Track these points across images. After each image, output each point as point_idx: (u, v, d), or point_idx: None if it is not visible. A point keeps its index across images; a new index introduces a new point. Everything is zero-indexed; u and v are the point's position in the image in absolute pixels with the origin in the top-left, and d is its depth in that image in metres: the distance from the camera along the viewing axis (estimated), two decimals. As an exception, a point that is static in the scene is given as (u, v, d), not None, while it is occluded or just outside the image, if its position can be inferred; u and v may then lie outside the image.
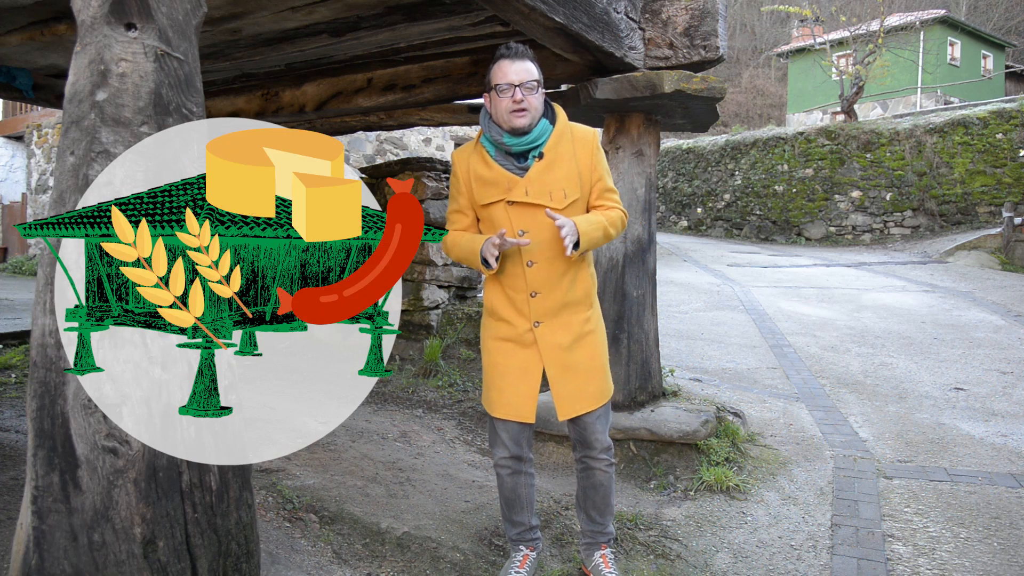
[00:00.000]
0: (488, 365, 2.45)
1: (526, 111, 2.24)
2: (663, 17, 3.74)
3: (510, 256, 2.34)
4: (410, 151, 12.97)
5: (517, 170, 2.32)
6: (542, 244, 2.31)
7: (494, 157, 2.34)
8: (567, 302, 2.37)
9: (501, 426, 2.43)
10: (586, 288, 2.42)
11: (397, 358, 5.51)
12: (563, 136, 2.34)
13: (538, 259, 2.32)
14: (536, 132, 2.29)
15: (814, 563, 2.81)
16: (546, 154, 2.30)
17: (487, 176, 2.33)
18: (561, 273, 2.35)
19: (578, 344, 2.38)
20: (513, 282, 2.36)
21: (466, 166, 2.39)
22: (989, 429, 4.32)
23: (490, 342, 2.44)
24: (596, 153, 2.39)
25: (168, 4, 1.72)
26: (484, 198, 2.34)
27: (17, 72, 4.55)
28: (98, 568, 1.61)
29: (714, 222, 17.33)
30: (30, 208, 14.72)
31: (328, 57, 4.35)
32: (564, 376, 2.37)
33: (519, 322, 2.37)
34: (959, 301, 8.51)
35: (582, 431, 2.47)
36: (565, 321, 2.37)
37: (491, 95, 2.30)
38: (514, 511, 2.53)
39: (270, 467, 3.27)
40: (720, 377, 5.40)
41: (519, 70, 2.24)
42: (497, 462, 2.49)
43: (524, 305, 2.35)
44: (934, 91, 23.27)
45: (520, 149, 2.29)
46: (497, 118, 2.30)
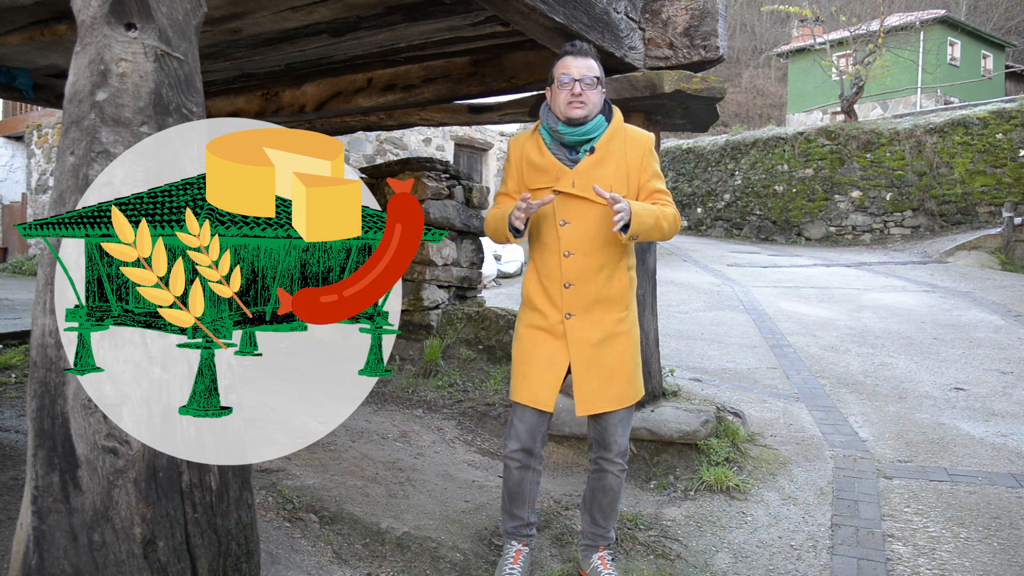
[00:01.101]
0: (518, 352, 2.48)
1: (583, 103, 2.32)
2: (663, 17, 3.74)
3: (549, 245, 2.40)
4: (410, 151, 12.96)
5: (568, 161, 2.39)
6: (582, 236, 2.36)
7: (548, 146, 2.41)
8: (601, 298, 2.39)
9: (519, 417, 2.45)
10: (623, 287, 2.44)
11: (397, 358, 5.51)
12: (616, 134, 2.41)
13: (576, 250, 2.36)
14: (591, 125, 2.36)
15: (814, 563, 2.81)
16: (597, 149, 2.38)
17: (538, 162, 2.40)
18: (598, 267, 2.37)
19: (608, 343, 2.39)
20: (549, 272, 2.41)
21: (520, 151, 2.47)
22: (989, 429, 4.31)
23: (523, 329, 2.48)
24: (648, 155, 2.45)
25: (168, 4, 1.72)
26: (533, 183, 2.41)
27: (17, 72, 4.55)
28: (98, 568, 1.61)
29: (714, 222, 17.33)
30: (30, 208, 14.72)
31: (328, 57, 4.35)
32: (588, 372, 2.38)
33: (551, 312, 2.40)
34: (959, 301, 8.51)
35: (602, 431, 2.48)
36: (598, 318, 2.39)
37: (552, 88, 2.39)
38: (515, 504, 2.54)
39: (270, 467, 3.27)
40: (720, 377, 5.40)
41: (580, 66, 2.34)
42: (508, 454, 2.50)
43: (557, 296, 2.39)
44: (934, 91, 23.27)
45: (573, 139, 2.36)
46: (555, 109, 2.38)
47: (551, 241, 2.39)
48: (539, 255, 2.44)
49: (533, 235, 2.46)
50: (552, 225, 2.38)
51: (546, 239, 2.41)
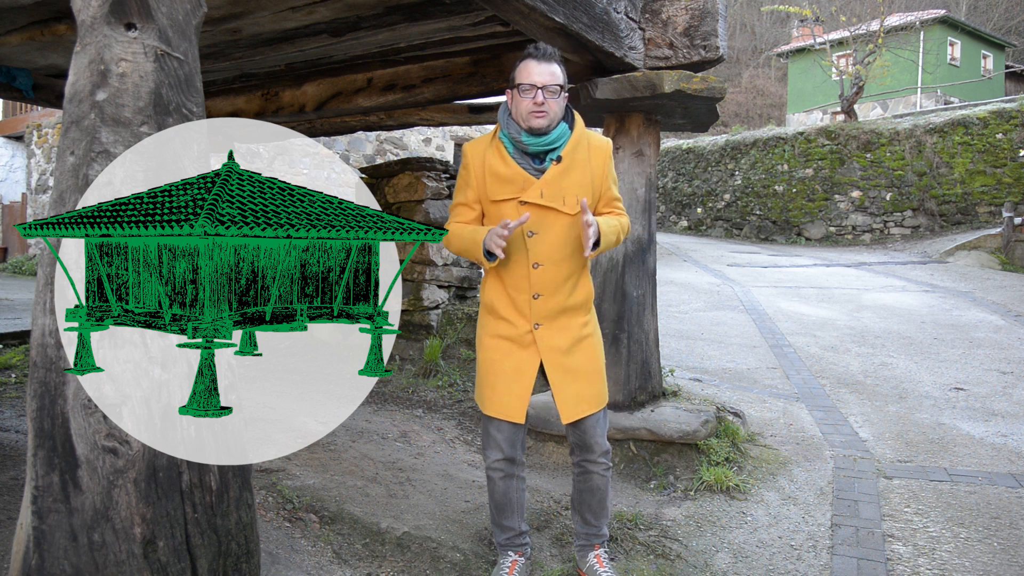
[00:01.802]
0: (484, 362, 2.43)
1: (545, 114, 2.24)
2: (663, 17, 3.74)
3: (515, 257, 2.33)
4: (410, 151, 12.97)
5: (533, 171, 2.32)
6: (550, 247, 2.32)
7: (512, 155, 2.33)
8: (567, 306, 2.37)
9: (495, 428, 2.43)
10: (587, 293, 2.44)
11: (397, 358, 5.51)
12: (580, 142, 2.35)
13: (544, 261, 2.32)
14: (555, 134, 2.30)
15: (814, 563, 2.81)
16: (564, 158, 2.31)
17: (503, 173, 2.32)
18: (565, 277, 2.35)
19: (577, 347, 2.38)
20: (517, 283, 2.35)
21: (481, 160, 2.37)
22: (989, 429, 4.32)
23: (487, 339, 2.43)
24: (609, 162, 2.42)
25: (168, 4, 1.72)
26: (497, 194, 2.33)
27: (17, 72, 4.55)
28: (98, 568, 1.61)
29: (714, 222, 17.33)
30: (30, 208, 14.72)
31: (328, 57, 4.35)
32: (565, 379, 2.36)
33: (519, 322, 2.36)
34: (959, 301, 8.51)
35: (582, 435, 2.46)
36: (564, 324, 2.37)
37: (513, 92, 2.30)
38: (504, 515, 2.51)
39: (270, 467, 3.27)
40: (720, 377, 5.40)
41: (544, 72, 2.24)
42: (490, 465, 2.47)
43: (526, 306, 2.35)
44: (934, 91, 23.26)
45: (537, 149, 2.30)
46: (516, 116, 2.31)
47: (518, 252, 2.32)
48: (503, 265, 2.35)
49: None
50: (519, 236, 2.30)
51: (512, 249, 2.31)
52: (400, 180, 5.86)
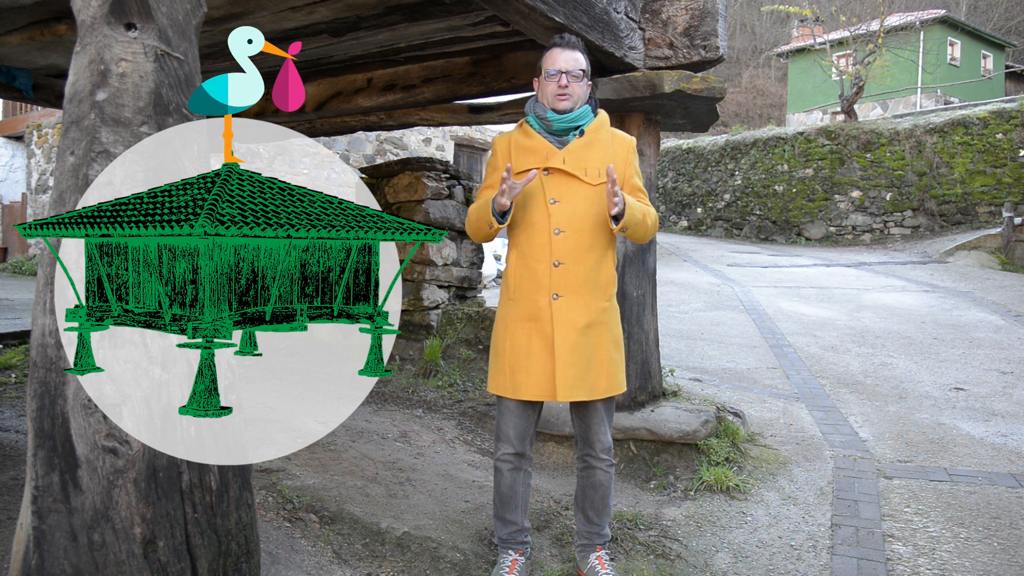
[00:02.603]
0: (507, 348, 2.41)
1: (569, 95, 2.37)
2: (663, 17, 3.74)
3: (537, 224, 2.38)
4: (410, 151, 12.97)
5: (557, 143, 2.42)
6: (572, 214, 2.36)
7: (537, 130, 2.44)
8: (589, 280, 2.37)
9: (508, 421, 2.44)
10: (609, 278, 2.45)
11: (397, 358, 5.51)
12: (603, 126, 2.47)
13: (566, 228, 2.35)
14: (578, 113, 2.40)
15: (814, 563, 2.81)
16: (587, 134, 2.42)
17: (527, 144, 2.42)
18: (588, 247, 2.37)
19: (592, 329, 2.37)
20: (538, 251, 2.37)
21: (507, 142, 2.49)
22: (989, 429, 4.31)
23: (512, 324, 2.42)
24: (633, 154, 2.51)
25: (168, 4, 1.72)
26: (521, 165, 2.40)
27: (17, 72, 4.55)
28: (98, 568, 1.61)
29: (714, 222, 17.32)
30: (30, 208, 14.72)
31: (328, 57, 4.35)
32: (571, 357, 2.34)
33: (538, 295, 2.36)
34: (959, 301, 8.51)
35: (585, 428, 2.48)
36: (585, 302, 2.36)
37: (540, 80, 2.43)
38: (508, 509, 2.51)
39: (270, 467, 3.27)
40: (720, 377, 5.40)
41: (568, 59, 2.37)
42: (499, 457, 2.48)
43: (545, 277, 2.35)
44: (934, 91, 23.26)
45: (562, 126, 2.39)
46: (543, 99, 2.42)
47: (540, 220, 2.37)
48: (525, 236, 2.40)
49: (517, 219, 2.41)
50: (541, 203, 2.37)
51: (534, 218, 2.38)
52: (400, 180, 5.87)
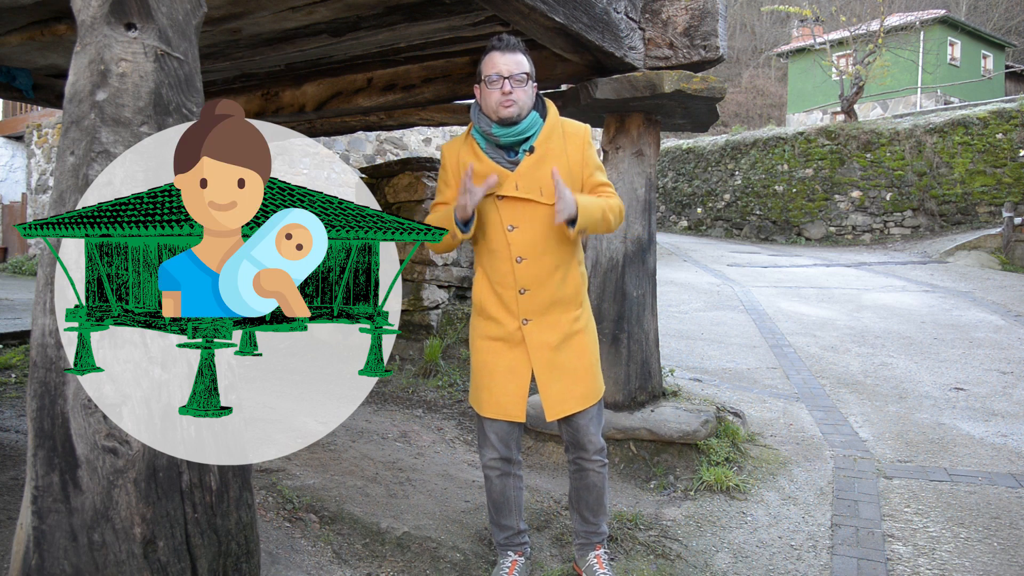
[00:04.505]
0: (477, 364, 2.42)
1: (513, 103, 2.22)
2: (663, 17, 3.74)
3: (498, 252, 2.32)
4: (410, 151, 12.97)
5: (507, 164, 2.30)
6: (533, 239, 2.28)
7: (484, 150, 2.31)
8: (556, 300, 2.33)
9: (489, 427, 2.41)
10: (576, 286, 2.39)
11: (397, 358, 5.51)
12: (554, 131, 2.32)
13: (527, 255, 2.29)
14: (525, 124, 2.27)
15: (814, 563, 2.81)
16: (536, 148, 2.28)
17: (478, 170, 2.28)
18: (551, 269, 2.31)
19: (567, 343, 2.35)
20: (502, 279, 2.32)
21: (456, 159, 2.37)
22: (989, 429, 4.32)
23: (479, 341, 2.41)
24: (587, 147, 2.37)
25: (168, 4, 1.72)
26: None
27: (17, 72, 4.55)
28: (98, 568, 1.61)
29: (714, 222, 17.32)
30: (30, 208, 14.72)
31: (328, 57, 4.35)
32: (551, 376, 2.33)
33: (507, 320, 2.34)
34: (959, 301, 8.51)
35: (575, 433, 2.44)
36: (554, 320, 2.34)
37: (481, 87, 2.29)
38: (502, 514, 2.50)
39: (270, 467, 3.27)
40: (720, 377, 5.40)
41: (509, 62, 2.22)
42: (486, 464, 2.45)
43: (512, 302, 2.32)
44: (934, 91, 23.26)
45: (509, 141, 2.27)
46: (486, 109, 2.28)
47: (500, 248, 2.30)
48: (488, 261, 2.34)
49: (479, 239, 2.36)
50: (500, 230, 2.29)
51: (494, 245, 2.31)
52: (400, 180, 5.87)
